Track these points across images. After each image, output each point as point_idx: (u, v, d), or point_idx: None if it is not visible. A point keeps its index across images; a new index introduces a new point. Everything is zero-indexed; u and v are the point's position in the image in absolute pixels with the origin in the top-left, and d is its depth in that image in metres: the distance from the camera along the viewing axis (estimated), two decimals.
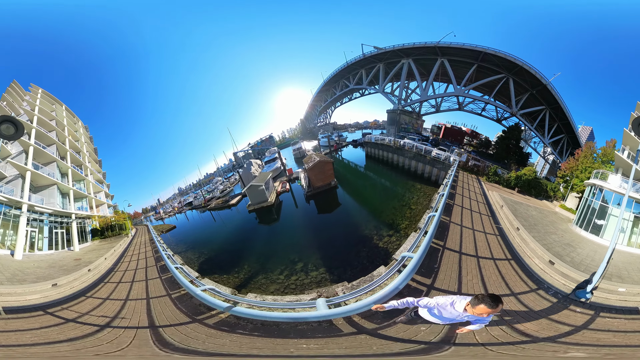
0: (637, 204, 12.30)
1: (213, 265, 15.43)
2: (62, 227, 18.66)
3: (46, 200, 17.85)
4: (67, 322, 6.32)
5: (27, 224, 15.09)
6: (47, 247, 16.36)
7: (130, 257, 15.81)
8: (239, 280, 12.34)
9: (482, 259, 6.93)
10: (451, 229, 8.50)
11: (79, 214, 21.24)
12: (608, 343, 4.03)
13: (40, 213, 16.98)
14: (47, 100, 28.07)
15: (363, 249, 13.12)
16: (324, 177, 22.97)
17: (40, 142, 20.39)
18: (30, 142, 18.75)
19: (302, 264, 12.79)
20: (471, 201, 13.73)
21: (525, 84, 33.24)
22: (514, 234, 9.70)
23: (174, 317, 6.16)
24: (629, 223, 12.05)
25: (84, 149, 29.18)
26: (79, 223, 21.26)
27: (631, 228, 11.89)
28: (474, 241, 7.92)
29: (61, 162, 22.34)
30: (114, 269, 12.83)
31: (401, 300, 2.95)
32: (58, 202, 19.45)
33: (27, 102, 24.21)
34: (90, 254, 16.59)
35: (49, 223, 17.35)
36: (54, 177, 19.70)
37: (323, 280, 10.95)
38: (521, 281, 6.17)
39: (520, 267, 6.99)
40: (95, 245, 21.29)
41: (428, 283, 5.45)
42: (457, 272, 6.03)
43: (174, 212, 50.19)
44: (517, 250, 8.04)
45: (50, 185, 19.33)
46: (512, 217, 11.95)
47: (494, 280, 6.00)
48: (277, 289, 10.81)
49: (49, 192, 18.92)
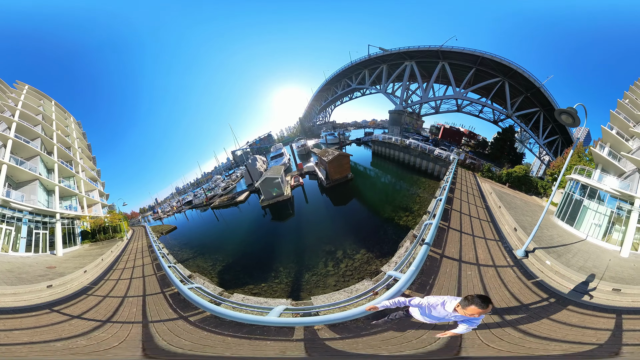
0: (611, 198, 12.92)
1: (238, 275, 12.87)
2: (46, 227, 15.18)
3: (27, 198, 14.44)
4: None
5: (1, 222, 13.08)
6: (25, 248, 12.97)
7: (121, 271, 11.83)
8: (287, 287, 10.72)
9: (476, 237, 9.39)
10: (452, 215, 10.51)
11: (65, 214, 17.78)
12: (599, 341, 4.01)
13: (19, 211, 13.59)
14: (34, 95, 26.13)
15: (388, 228, 14.61)
16: (341, 170, 23.85)
17: (22, 135, 18.49)
18: (9, 136, 15.32)
19: (341, 251, 12.84)
20: (467, 189, 16.93)
21: (520, 87, 34.16)
22: (496, 210, 13.05)
23: None
24: (600, 215, 12.77)
25: (75, 144, 25.83)
26: (66, 224, 17.63)
27: (607, 222, 12.40)
28: (469, 221, 10.42)
29: (46, 156, 19.07)
30: (90, 289, 8.98)
31: (393, 300, 2.98)
32: (40, 200, 16.00)
33: (11, 98, 20.78)
34: (71, 261, 14.06)
35: (28, 222, 13.94)
36: (36, 171, 16.20)
37: (370, 260, 11.35)
38: (492, 235, 9.08)
39: (495, 228, 10.11)
40: (84, 250, 18.59)
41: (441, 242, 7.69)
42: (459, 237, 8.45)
43: (172, 212, 46.53)
44: (495, 218, 11.59)
45: (32, 180, 15.84)
46: (497, 200, 14.95)
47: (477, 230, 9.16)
48: (338, 281, 10.24)
49: (30, 189, 15.51)
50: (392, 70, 40.52)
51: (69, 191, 21.05)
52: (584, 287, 6.42)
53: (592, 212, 13.09)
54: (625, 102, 17.36)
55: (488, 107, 38.49)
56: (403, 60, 38.86)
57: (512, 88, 34.08)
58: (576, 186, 14.65)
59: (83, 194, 23.24)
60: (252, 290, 10.33)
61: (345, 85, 51.96)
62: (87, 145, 33.49)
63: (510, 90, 33.79)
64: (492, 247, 7.95)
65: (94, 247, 19.08)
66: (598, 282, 6.85)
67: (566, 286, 6.30)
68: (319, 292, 8.07)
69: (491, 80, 33.91)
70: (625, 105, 16.69)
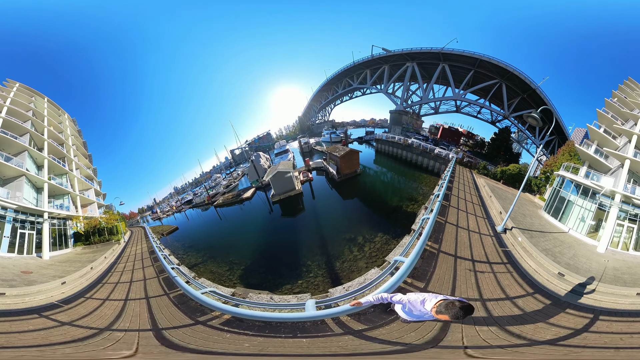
0: (595, 193, 12.99)
1: (266, 277, 11.61)
2: (33, 227, 13.24)
3: (12, 194, 12.63)
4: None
5: None
6: (8, 249, 12.72)
7: (113, 285, 8.90)
8: (324, 278, 10.51)
9: (469, 214, 11.02)
10: (452, 200, 12.00)
11: (55, 214, 15.78)
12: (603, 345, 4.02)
13: (3, 208, 11.75)
14: (25, 93, 24.89)
15: (397, 214, 15.95)
16: (351, 164, 24.90)
17: (8, 131, 17.31)
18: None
19: (360, 237, 13.40)
20: (464, 182, 19.11)
21: (517, 89, 34.60)
22: (487, 198, 15.03)
23: None
24: (585, 210, 12.95)
25: (69, 141, 23.93)
26: (57, 224, 15.64)
27: (591, 217, 12.49)
28: (465, 203, 12.39)
29: (35, 152, 17.32)
30: (55, 308, 6.56)
31: (376, 296, 2.97)
32: (27, 197, 14.10)
33: (0, 96, 18.76)
34: (55, 267, 12.30)
35: (12, 221, 12.06)
36: (22, 167, 14.26)
37: (388, 241, 12.27)
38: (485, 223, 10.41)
39: (484, 210, 12.24)
40: (75, 253, 16.96)
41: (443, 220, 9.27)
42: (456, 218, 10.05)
43: (172, 212, 44.47)
44: (485, 204, 13.57)
45: (18, 176, 13.91)
46: (489, 191, 16.73)
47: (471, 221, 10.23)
48: (368, 262, 10.81)
49: (17, 185, 13.66)
50: (393, 71, 41.40)
51: (61, 189, 19.14)
52: (536, 265, 7.19)
53: (578, 207, 13.22)
54: (614, 100, 17.68)
55: (486, 108, 38.74)
56: (405, 62, 39.23)
57: (509, 89, 34.70)
58: (563, 182, 15.03)
59: (77, 192, 21.28)
60: (292, 290, 9.68)
61: (346, 85, 52.29)
62: (82, 142, 31.31)
63: (507, 91, 34.42)
64: (480, 222, 10.33)
65: (87, 250, 17.23)
66: (552, 264, 7.36)
67: (525, 260, 7.43)
68: (355, 276, 7.98)
69: (489, 82, 34.41)
70: (613, 104, 17.08)
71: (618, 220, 11.09)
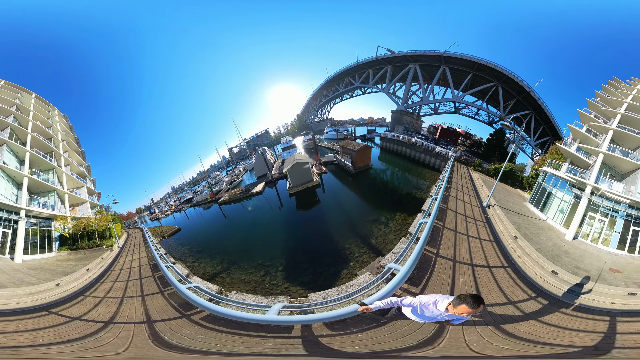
0: (567, 186, 13.95)
1: (316, 272, 10.45)
2: (9, 226, 10.67)
3: None
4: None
5: None
6: None
7: (75, 326, 4.46)
8: (369, 256, 10.77)
9: (465, 195, 14.13)
10: (452, 192, 13.96)
11: (35, 212, 13.09)
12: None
13: None
14: (9, 89, 23.16)
15: (409, 198, 18.42)
16: (364, 158, 26.57)
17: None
18: None
19: (383, 217, 15.07)
20: (461, 175, 22.15)
21: (512, 91, 35.54)
22: (480, 187, 18.37)
23: None
24: (563, 202, 13.69)
25: (58, 136, 21.38)
26: (38, 224, 12.93)
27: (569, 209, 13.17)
28: (462, 190, 15.39)
29: (17, 145, 15.18)
30: None
31: (385, 300, 2.85)
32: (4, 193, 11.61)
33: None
34: (14, 275, 9.26)
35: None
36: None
37: (406, 217, 13.90)
38: (479, 210, 12.28)
39: (476, 194, 15.72)
40: (56, 259, 14.22)
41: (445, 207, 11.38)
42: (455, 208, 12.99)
43: (171, 211, 41.14)
44: (477, 190, 17.10)
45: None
46: (482, 183, 19.85)
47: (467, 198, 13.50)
48: (396, 235, 12.02)
49: None
50: (396, 72, 42.60)
51: (46, 185, 16.61)
52: (506, 232, 9.21)
53: (557, 199, 14.07)
54: (597, 100, 18.13)
55: (483, 109, 38.90)
56: (407, 63, 40.46)
57: (506, 92, 35.87)
58: (545, 177, 16.06)
59: (65, 190, 18.69)
60: (351, 272, 9.68)
61: (348, 83, 52.70)
62: (75, 138, 28.43)
63: (503, 93, 35.59)
64: (472, 200, 13.69)
65: (71, 257, 14.05)
66: (513, 229, 9.18)
67: (499, 225, 9.90)
68: (391, 247, 8.31)
69: (486, 85, 35.45)
70: (595, 104, 17.61)
71: (595, 214, 11.53)
